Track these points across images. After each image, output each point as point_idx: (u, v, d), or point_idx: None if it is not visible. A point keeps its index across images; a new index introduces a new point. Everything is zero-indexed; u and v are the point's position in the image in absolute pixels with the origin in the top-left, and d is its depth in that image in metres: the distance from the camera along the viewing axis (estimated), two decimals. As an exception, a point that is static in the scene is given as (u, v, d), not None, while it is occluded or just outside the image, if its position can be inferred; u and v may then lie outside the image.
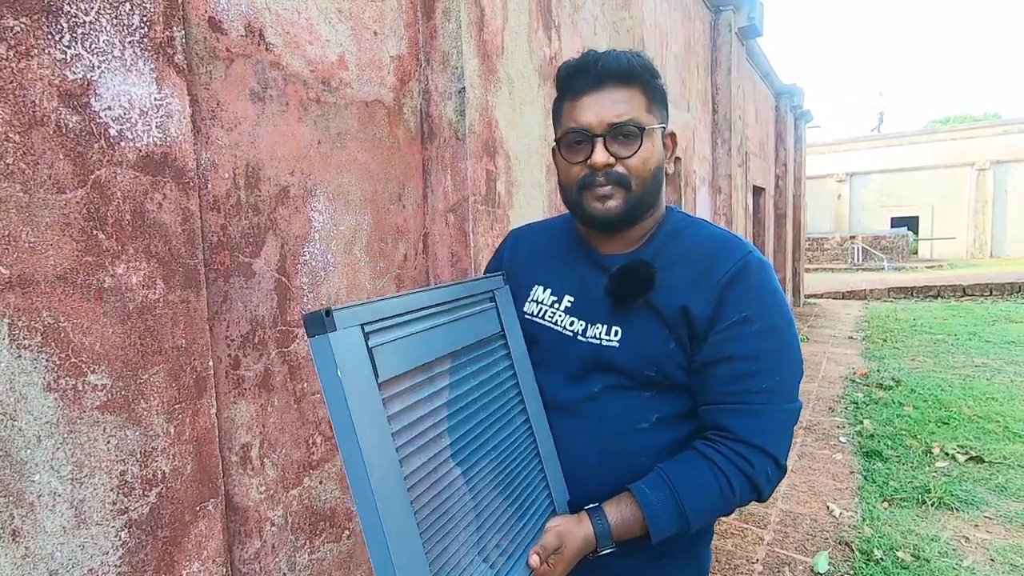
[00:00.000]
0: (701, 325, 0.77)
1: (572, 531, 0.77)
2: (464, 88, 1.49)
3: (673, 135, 0.88)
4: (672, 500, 0.75)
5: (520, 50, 1.72)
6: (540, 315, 0.91)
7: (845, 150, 23.16)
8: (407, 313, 0.69)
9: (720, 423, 0.77)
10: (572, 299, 0.88)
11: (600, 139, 0.79)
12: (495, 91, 1.60)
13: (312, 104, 1.24)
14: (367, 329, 0.63)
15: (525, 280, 0.94)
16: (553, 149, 0.91)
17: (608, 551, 0.78)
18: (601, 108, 0.79)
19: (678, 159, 3.69)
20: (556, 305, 0.89)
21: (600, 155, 0.79)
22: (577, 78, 0.82)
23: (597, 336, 0.84)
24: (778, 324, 0.77)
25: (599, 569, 0.82)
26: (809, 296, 11.52)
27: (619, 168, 0.80)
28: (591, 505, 0.81)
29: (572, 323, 0.87)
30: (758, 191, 6.95)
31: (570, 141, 0.82)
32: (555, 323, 0.89)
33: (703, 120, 4.39)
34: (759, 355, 0.76)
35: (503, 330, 0.87)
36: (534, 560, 0.73)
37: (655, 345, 0.80)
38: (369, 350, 0.62)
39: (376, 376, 0.62)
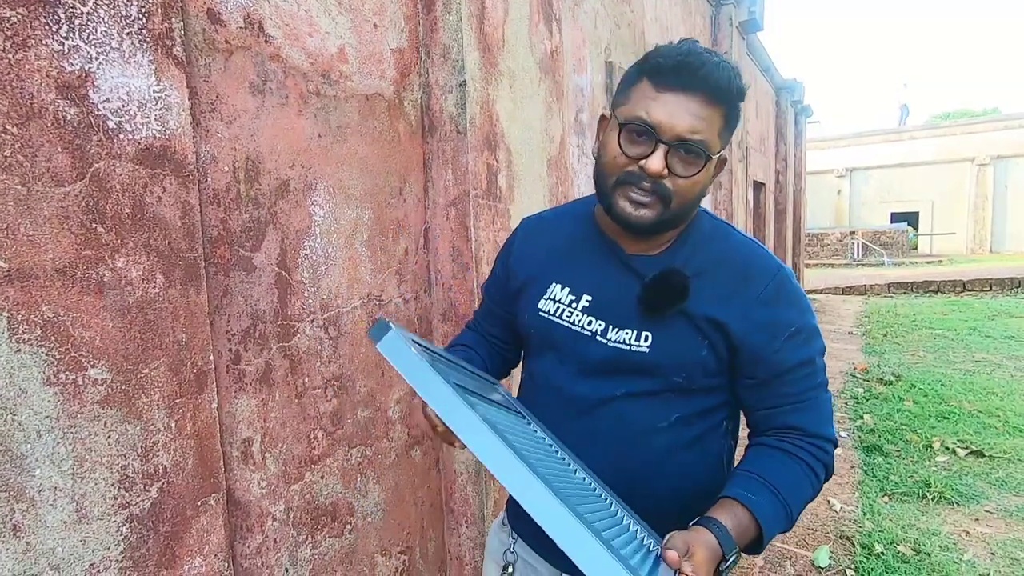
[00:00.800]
0: (746, 341, 0.79)
1: (695, 538, 0.68)
2: (465, 81, 1.48)
3: (724, 160, 0.84)
4: (777, 500, 0.75)
5: (521, 43, 1.71)
6: (557, 314, 0.88)
7: (845, 145, 23.11)
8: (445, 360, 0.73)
9: (789, 423, 0.81)
10: (590, 298, 0.86)
11: (664, 146, 0.75)
12: (496, 84, 1.59)
13: (312, 97, 1.23)
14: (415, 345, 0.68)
15: (541, 276, 0.92)
16: (603, 116, 0.85)
17: (735, 559, 0.71)
18: (679, 114, 0.74)
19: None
20: (574, 304, 0.87)
21: (656, 163, 0.75)
22: (671, 73, 0.75)
23: (626, 341, 0.82)
24: (814, 324, 0.82)
25: None
26: (810, 292, 11.52)
27: (668, 183, 0.76)
28: (696, 519, 0.75)
29: (590, 323, 0.85)
30: (759, 186, 6.93)
31: (632, 130, 0.77)
32: (572, 322, 0.87)
33: (704, 115, 4.38)
34: (812, 358, 0.81)
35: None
36: (672, 555, 0.64)
37: (688, 352, 0.80)
38: (424, 348, 0.65)
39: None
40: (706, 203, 3.81)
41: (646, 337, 0.81)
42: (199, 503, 0.97)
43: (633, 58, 3.05)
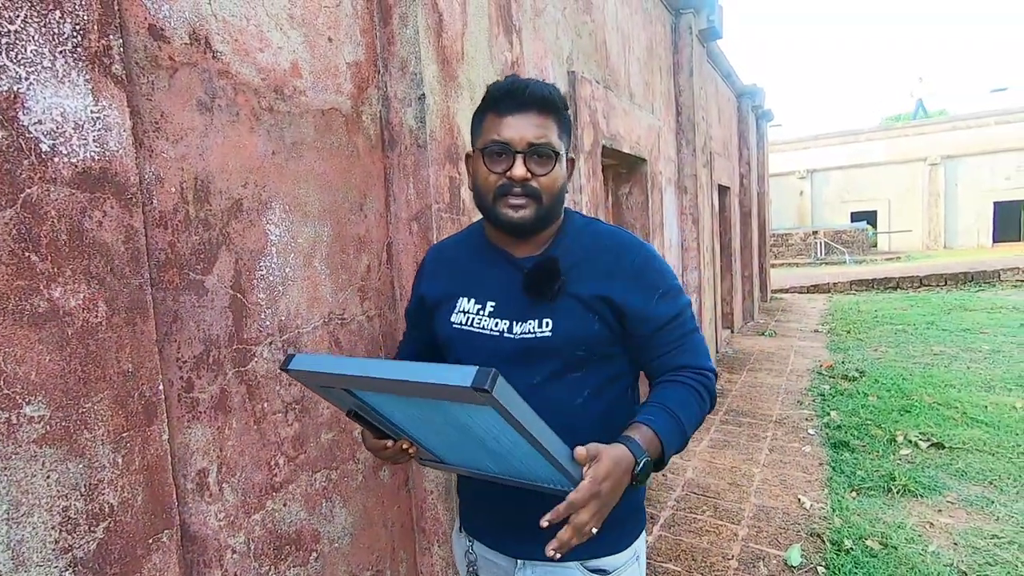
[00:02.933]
0: (628, 306, 0.93)
1: (604, 448, 0.77)
2: (424, 95, 1.46)
3: (572, 161, 1.02)
4: (671, 416, 0.88)
5: (481, 56, 1.70)
6: (468, 323, 1.00)
7: (806, 148, 23.81)
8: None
9: (676, 363, 0.96)
10: (494, 304, 0.99)
11: (520, 155, 0.91)
12: (456, 97, 1.58)
13: (265, 113, 1.20)
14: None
15: (450, 294, 1.04)
16: (468, 155, 1.01)
17: (644, 467, 0.80)
18: (523, 128, 0.91)
19: (643, 160, 3.72)
20: (481, 312, 0.99)
21: (519, 169, 0.91)
22: (505, 99, 0.92)
23: (531, 331, 0.94)
24: (678, 285, 1.00)
25: (552, 528, 0.87)
26: (776, 291, 11.80)
27: (534, 183, 0.92)
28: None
29: (497, 324, 0.98)
30: (723, 190, 7.07)
31: (492, 152, 0.93)
32: (483, 328, 0.98)
33: (667, 122, 4.45)
34: (679, 311, 0.97)
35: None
36: (579, 451, 0.74)
37: (582, 328, 0.93)
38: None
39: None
40: (672, 208, 3.84)
41: (547, 323, 0.93)
42: (150, 541, 0.93)
43: (595, 68, 3.08)
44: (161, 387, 0.95)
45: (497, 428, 0.70)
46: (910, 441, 3.50)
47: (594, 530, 0.74)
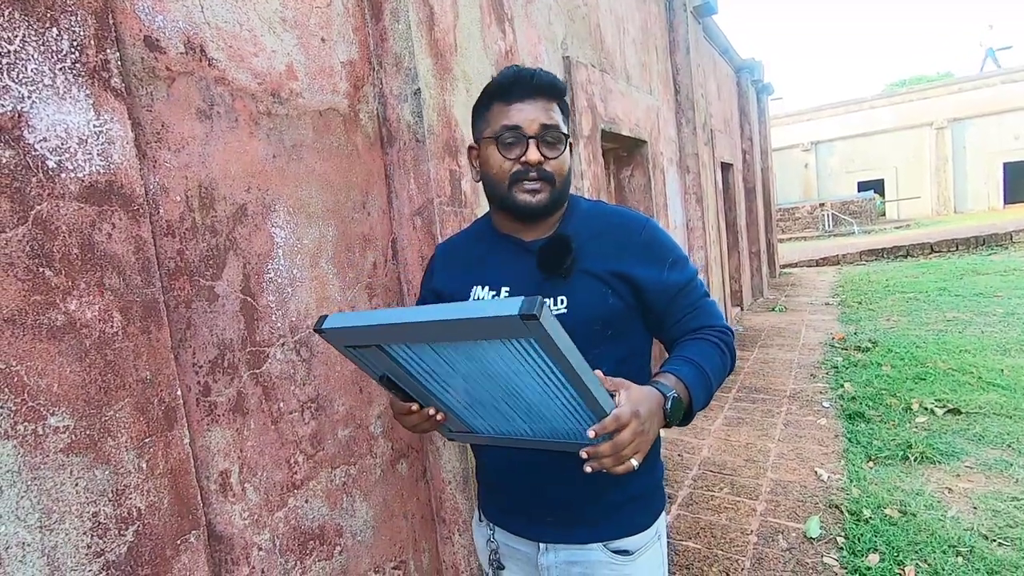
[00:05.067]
0: (641, 279, 0.96)
1: (632, 384, 0.79)
2: (419, 89, 1.47)
3: (571, 144, 1.04)
4: (696, 367, 0.90)
5: (474, 46, 1.70)
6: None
7: (808, 119, 23.50)
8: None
9: (695, 324, 0.99)
10: (508, 288, 1.00)
11: (533, 140, 0.93)
12: (452, 90, 1.58)
13: (263, 117, 1.21)
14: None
15: (463, 286, 1.04)
16: (471, 147, 1.04)
17: (674, 404, 0.82)
18: (534, 113, 0.94)
19: (643, 142, 3.70)
20: (496, 297, 0.99)
21: (534, 154, 0.93)
22: (513, 88, 0.95)
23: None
24: (684, 255, 1.03)
25: (574, 511, 0.96)
26: (784, 266, 11.72)
27: (547, 167, 0.95)
28: None
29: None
30: (726, 167, 7.02)
31: (506, 140, 0.94)
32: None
33: (666, 101, 4.41)
34: (690, 278, 1.00)
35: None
36: (612, 380, 0.78)
37: (597, 303, 0.94)
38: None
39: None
40: (676, 188, 3.81)
41: (562, 301, 0.95)
42: (179, 542, 0.95)
43: (590, 51, 3.06)
44: (179, 392, 0.98)
45: (536, 368, 0.71)
46: (926, 408, 3.48)
47: (635, 463, 0.74)
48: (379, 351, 0.78)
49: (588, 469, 0.74)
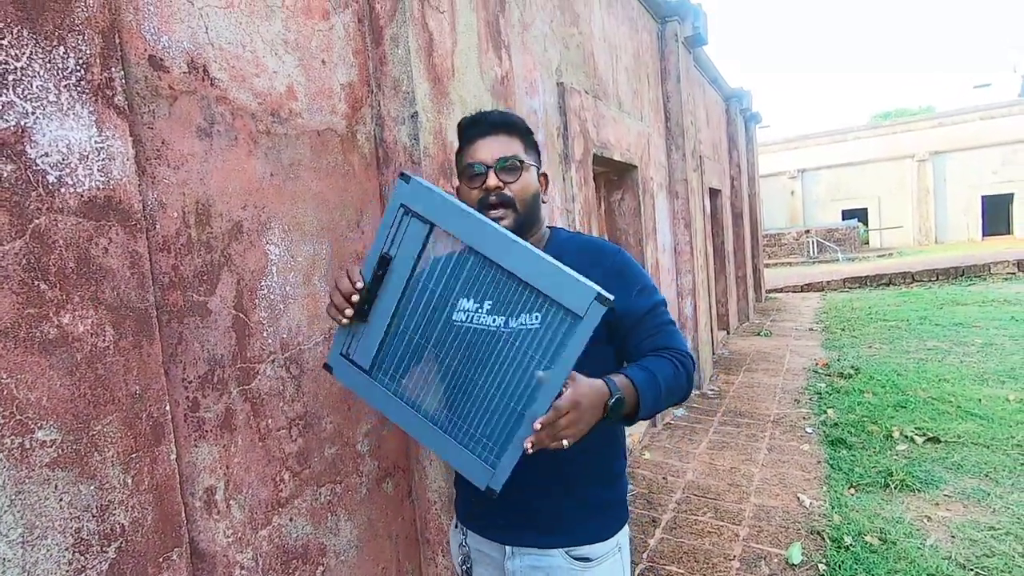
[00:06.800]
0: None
1: (581, 377, 0.86)
2: (417, 112, 1.50)
3: (546, 175, 1.16)
4: (649, 374, 0.96)
5: (471, 72, 1.74)
6: (468, 320, 1.07)
7: (795, 148, 24.00)
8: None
9: (655, 345, 1.05)
10: (491, 303, 1.05)
11: (492, 169, 1.05)
12: (448, 113, 1.61)
13: (262, 136, 1.23)
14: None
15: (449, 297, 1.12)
16: (457, 188, 1.14)
17: (617, 402, 0.88)
18: (491, 148, 1.07)
19: (634, 167, 3.77)
20: (479, 310, 1.05)
21: (492, 180, 1.05)
22: (471, 128, 1.10)
23: (524, 323, 1.00)
24: (652, 284, 1.12)
25: (537, 516, 1.04)
26: (770, 291, 11.86)
27: (507, 191, 1.05)
28: None
29: (494, 320, 1.04)
30: (714, 193, 7.14)
31: (470, 174, 1.07)
32: (482, 324, 1.04)
33: (657, 128, 4.50)
34: (657, 304, 1.08)
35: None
36: (542, 374, 0.85)
37: None
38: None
39: None
40: (665, 213, 3.87)
41: (536, 317, 1.00)
42: (161, 560, 0.94)
43: (584, 78, 3.12)
44: (168, 408, 0.98)
45: (528, 355, 0.86)
46: (906, 436, 3.53)
47: (566, 443, 0.83)
48: (423, 229, 0.94)
49: (528, 445, 0.82)
